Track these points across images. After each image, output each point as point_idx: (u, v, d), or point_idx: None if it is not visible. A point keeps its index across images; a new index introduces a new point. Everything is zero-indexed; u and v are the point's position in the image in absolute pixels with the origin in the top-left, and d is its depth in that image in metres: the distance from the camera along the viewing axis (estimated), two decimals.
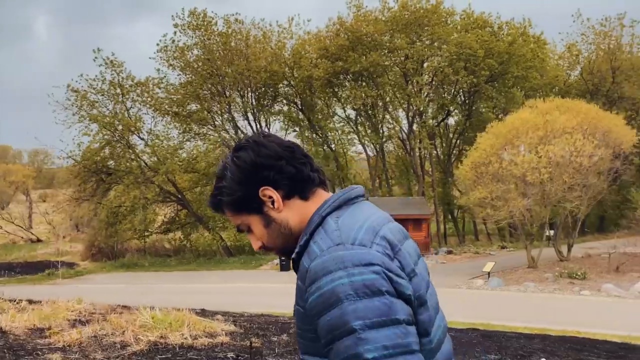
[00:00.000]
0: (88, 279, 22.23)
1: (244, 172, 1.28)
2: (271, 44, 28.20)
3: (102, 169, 27.28)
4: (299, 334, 1.26)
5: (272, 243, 1.33)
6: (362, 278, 1.08)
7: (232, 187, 1.29)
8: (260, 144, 1.29)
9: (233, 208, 1.32)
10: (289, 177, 1.28)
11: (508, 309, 13.68)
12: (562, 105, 18.86)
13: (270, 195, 1.27)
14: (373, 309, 1.06)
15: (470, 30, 25.43)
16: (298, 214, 1.29)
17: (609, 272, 18.27)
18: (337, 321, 1.07)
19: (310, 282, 1.13)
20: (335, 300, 1.07)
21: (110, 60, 27.75)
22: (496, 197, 17.43)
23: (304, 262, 1.19)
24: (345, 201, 1.28)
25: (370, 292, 1.07)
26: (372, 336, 1.04)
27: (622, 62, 31.02)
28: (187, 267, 24.89)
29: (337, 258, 1.11)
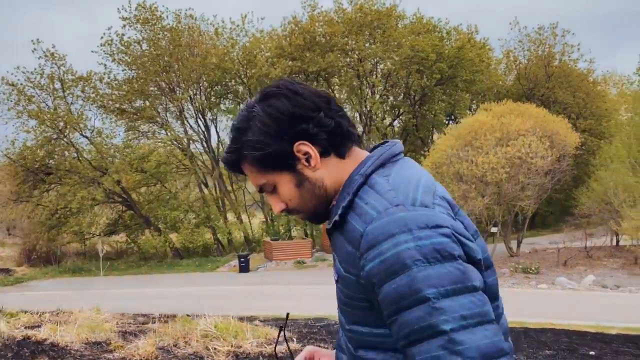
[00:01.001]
0: (31, 286, 20.79)
1: (279, 124, 1.13)
2: (222, 40, 27.69)
3: (41, 168, 25.63)
4: (345, 302, 1.14)
5: (301, 205, 1.21)
6: (431, 242, 0.98)
7: (263, 141, 1.13)
8: (295, 91, 1.15)
9: (260, 165, 1.17)
10: (327, 132, 1.15)
11: None
12: (515, 109, 19.85)
13: (306, 151, 1.15)
14: (446, 275, 0.96)
15: (419, 35, 26.21)
16: (334, 174, 1.18)
17: (557, 266, 19.47)
18: (405, 290, 0.97)
19: (368, 247, 1.02)
20: (402, 267, 0.97)
21: (51, 52, 26.18)
22: (458, 196, 18.05)
23: (355, 225, 1.07)
24: (388, 158, 1.17)
25: (441, 256, 0.97)
26: (447, 305, 0.95)
27: (555, 68, 33.11)
28: (137, 270, 23.92)
29: (399, 220, 1.00)
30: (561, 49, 33.75)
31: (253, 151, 1.14)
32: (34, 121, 26.04)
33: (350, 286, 1.10)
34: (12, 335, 4.38)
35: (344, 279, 1.11)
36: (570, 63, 33.64)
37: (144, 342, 4.27)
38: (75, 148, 25.37)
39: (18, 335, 4.41)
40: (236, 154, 1.17)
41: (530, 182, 18.58)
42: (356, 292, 1.09)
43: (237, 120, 1.17)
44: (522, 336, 7.87)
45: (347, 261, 1.09)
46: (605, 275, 17.67)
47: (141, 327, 5.55)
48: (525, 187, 18.67)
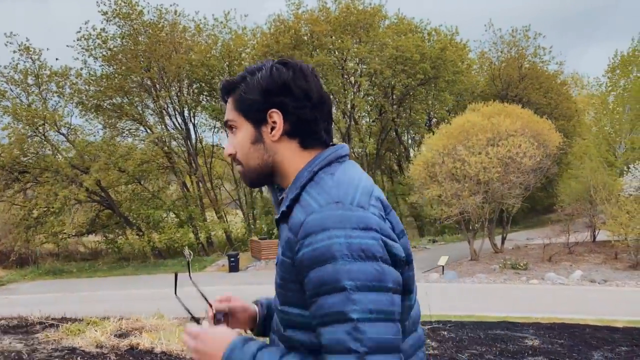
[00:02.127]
0: (12, 289, 20.02)
1: (272, 85, 1.27)
2: (204, 37, 27.30)
3: (15, 166, 24.63)
4: (280, 284, 1.26)
5: (245, 160, 1.33)
6: (359, 242, 1.10)
7: (253, 88, 1.28)
8: (303, 73, 1.29)
9: (237, 104, 1.31)
10: (302, 119, 1.28)
11: (479, 300, 14.61)
12: (503, 109, 20.42)
13: (276, 120, 1.28)
14: (366, 272, 1.09)
15: (404, 35, 26.58)
16: (287, 156, 1.30)
17: (543, 262, 20.17)
18: (328, 277, 1.09)
19: (305, 234, 1.14)
20: (330, 257, 1.09)
21: (26, 46, 25.19)
22: (451, 195, 18.45)
23: (298, 215, 1.19)
24: (335, 158, 1.28)
25: (365, 256, 1.09)
26: (359, 298, 1.07)
27: (528, 70, 34.16)
28: (122, 271, 23.35)
29: (336, 217, 1.12)
30: (533, 51, 34.90)
31: (242, 91, 1.29)
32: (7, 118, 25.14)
33: (286, 269, 1.21)
34: (115, 344, 4.26)
35: (282, 262, 1.23)
36: (541, 65, 34.79)
37: None
38: (53, 146, 24.51)
39: (119, 344, 4.29)
40: (232, 85, 1.32)
41: (518, 181, 19.17)
42: (290, 275, 1.20)
43: (253, 66, 1.33)
44: (578, 333, 8.14)
45: (286, 246, 1.21)
46: (591, 271, 18.43)
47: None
48: (514, 185, 19.25)
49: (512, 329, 7.98)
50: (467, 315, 11.53)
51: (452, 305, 13.41)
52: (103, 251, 31.79)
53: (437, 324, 9.13)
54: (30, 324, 5.70)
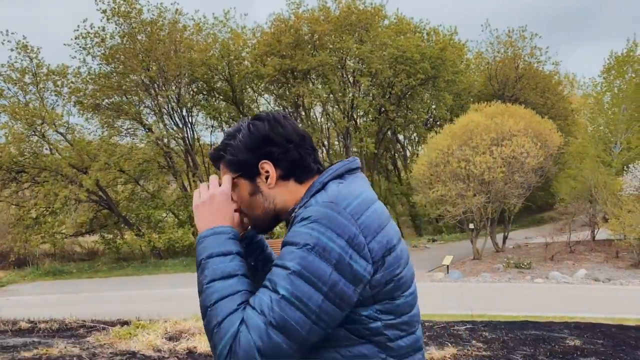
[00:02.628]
0: (13, 291, 19.76)
1: (254, 141, 1.40)
2: (203, 35, 27.14)
3: (13, 166, 24.29)
4: None
5: (248, 211, 1.44)
6: (327, 242, 1.20)
7: (238, 149, 1.41)
8: (278, 121, 1.41)
9: (230, 167, 1.43)
10: (290, 161, 1.40)
11: (491, 299, 14.69)
12: (505, 110, 20.55)
13: (267, 170, 1.40)
14: (313, 266, 1.19)
15: (403, 35, 26.65)
16: (287, 195, 1.40)
17: (545, 261, 20.35)
18: (287, 255, 1.23)
19: (297, 221, 1.27)
20: (297, 241, 1.22)
21: (24, 44, 24.87)
22: (455, 194, 18.54)
23: (300, 213, 1.30)
24: (346, 171, 1.38)
25: (322, 255, 1.20)
26: (294, 282, 1.19)
27: (524, 70, 34.41)
28: (123, 272, 23.14)
29: (321, 213, 1.24)
30: (529, 52, 35.16)
31: (230, 155, 1.42)
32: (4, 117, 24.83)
33: None
34: (171, 347, 4.21)
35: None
36: (537, 65, 35.04)
37: None
38: (52, 146, 24.22)
39: (176, 347, 4.24)
40: (219, 154, 1.45)
41: (521, 181, 19.31)
42: None
43: (231, 129, 1.46)
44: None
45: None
46: (594, 269, 18.62)
47: None
48: (517, 185, 19.39)
49: (544, 329, 8.03)
50: (492, 315, 11.54)
51: (467, 305, 13.48)
52: (99, 251, 31.56)
53: (468, 324, 9.14)
54: (72, 328, 5.62)
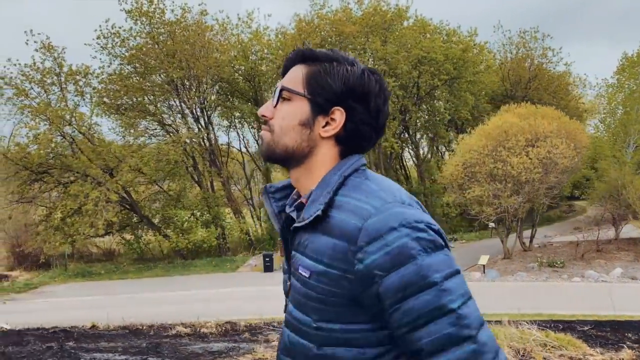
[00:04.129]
0: (48, 293, 19.67)
1: (357, 86, 1.19)
2: (227, 35, 27.17)
3: (40, 167, 24.15)
4: (319, 299, 1.15)
5: (280, 131, 1.22)
6: (427, 234, 1.09)
7: (336, 75, 1.19)
8: (385, 95, 1.24)
9: (310, 80, 1.20)
10: (359, 133, 1.22)
11: (542, 298, 14.90)
12: (536, 111, 20.85)
13: (336, 119, 1.20)
14: (443, 261, 1.08)
15: (424, 35, 26.89)
16: (323, 157, 1.23)
17: (576, 260, 20.68)
18: (413, 277, 1.06)
19: (369, 240, 1.08)
20: (407, 257, 1.06)
21: (48, 44, 24.72)
22: (493, 195, 18.80)
23: (348, 220, 1.11)
24: (359, 166, 1.23)
25: (435, 246, 1.09)
26: (450, 286, 1.06)
27: (537, 71, 34.82)
28: (153, 272, 23.12)
29: (398, 214, 1.09)
30: (541, 52, 35.58)
31: (322, 70, 1.19)
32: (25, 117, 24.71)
33: (331, 282, 1.12)
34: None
35: (323, 274, 1.13)
36: (549, 66, 35.47)
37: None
38: (77, 146, 24.10)
39: None
40: (315, 57, 1.22)
41: (555, 181, 19.63)
42: (337, 288, 1.12)
43: (347, 55, 1.24)
44: None
45: (332, 256, 1.12)
46: (627, 268, 18.98)
47: None
48: (552, 185, 19.71)
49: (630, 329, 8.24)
50: (567, 314, 11.74)
51: (522, 304, 13.72)
52: (116, 252, 31.48)
53: (588, 324, 9.23)
54: (235, 331, 5.71)
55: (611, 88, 33.18)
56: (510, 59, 35.41)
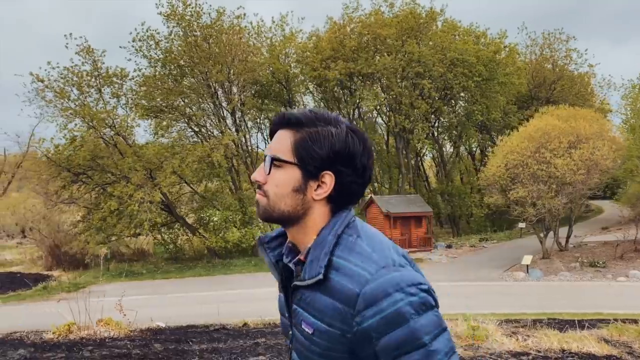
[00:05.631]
0: (98, 292, 19.93)
1: (342, 150, 1.26)
2: (263, 38, 27.50)
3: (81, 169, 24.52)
4: (322, 354, 1.25)
5: (275, 198, 1.28)
6: (418, 297, 1.17)
7: (322, 142, 1.25)
8: (369, 153, 1.30)
9: (298, 148, 1.26)
10: (348, 191, 1.29)
11: (600, 298, 15.16)
12: (576, 113, 21.14)
13: (326, 182, 1.27)
14: (432, 322, 1.18)
15: (455, 37, 27.19)
16: (317, 216, 1.29)
17: (615, 259, 20.94)
18: (406, 338, 1.16)
19: (366, 305, 1.17)
20: (402, 320, 1.15)
21: (87, 47, 25.11)
22: (537, 196, 19.09)
23: (346, 285, 1.20)
24: (350, 220, 1.30)
25: (426, 307, 1.18)
26: (437, 346, 1.17)
27: (562, 72, 35.09)
28: (195, 272, 23.43)
29: (391, 280, 1.17)
30: (565, 53, 35.83)
31: (308, 138, 1.25)
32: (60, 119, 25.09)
33: (332, 340, 1.22)
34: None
35: (325, 332, 1.23)
36: (574, 67, 35.73)
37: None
38: (118, 149, 24.48)
39: None
40: (300, 123, 1.27)
41: (598, 182, 19.92)
42: (337, 344, 1.22)
43: (329, 116, 1.29)
44: None
45: (333, 317, 1.21)
46: None
47: (531, 332, 5.88)
48: (594, 186, 20.00)
49: None
50: (629, 313, 12.00)
51: (577, 303, 14.05)
52: (146, 252, 31.82)
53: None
54: None
55: (637, 89, 33.37)
56: (535, 60, 35.69)
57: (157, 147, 24.74)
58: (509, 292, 16.95)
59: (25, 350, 6.81)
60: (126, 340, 7.84)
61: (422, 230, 25.88)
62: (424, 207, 26.15)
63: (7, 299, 18.82)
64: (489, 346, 4.94)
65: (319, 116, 1.27)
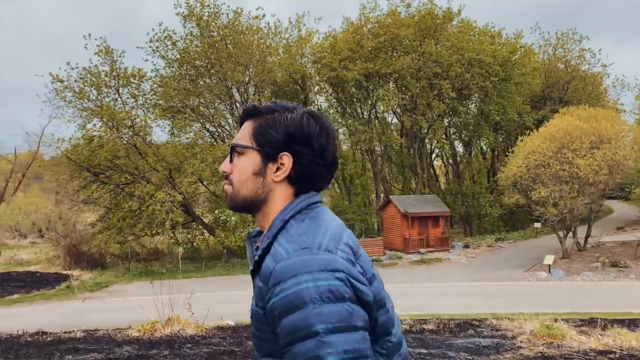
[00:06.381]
0: (120, 292, 20.13)
1: (297, 131, 1.29)
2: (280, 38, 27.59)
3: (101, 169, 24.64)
4: (257, 336, 1.26)
5: (238, 184, 1.32)
6: (328, 283, 1.11)
7: (278, 125, 1.29)
8: (328, 134, 1.32)
9: (256, 133, 1.31)
10: (309, 172, 1.31)
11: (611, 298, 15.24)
12: (596, 113, 21.19)
13: (284, 163, 1.29)
14: (336, 314, 1.10)
15: (471, 37, 27.25)
16: (278, 199, 1.31)
17: (635, 259, 21.00)
18: (300, 324, 1.10)
19: (274, 283, 1.14)
20: (300, 303, 1.10)
21: (106, 47, 25.21)
22: (560, 196, 19.15)
23: (267, 264, 1.19)
24: (306, 206, 1.29)
25: (334, 297, 1.11)
26: (333, 340, 1.08)
27: (575, 72, 35.12)
28: (215, 272, 23.55)
29: (303, 262, 1.14)
30: (579, 54, 35.86)
31: (266, 124, 1.30)
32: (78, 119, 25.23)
33: (260, 320, 1.22)
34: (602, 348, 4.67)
35: (255, 313, 1.23)
36: (587, 67, 35.74)
37: None
38: (137, 150, 24.58)
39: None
40: (258, 112, 1.33)
41: (620, 182, 19.98)
42: (264, 325, 1.21)
43: (285, 103, 1.35)
44: None
45: (258, 296, 1.22)
46: None
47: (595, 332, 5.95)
48: (615, 186, 20.07)
49: None
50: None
51: (606, 303, 14.12)
52: (161, 252, 31.94)
53: None
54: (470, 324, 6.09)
55: None
56: (548, 60, 35.74)
57: (176, 147, 24.84)
58: (534, 291, 17.02)
59: (130, 347, 6.92)
60: (214, 337, 7.91)
61: (439, 230, 25.96)
62: (441, 207, 26.23)
63: (34, 297, 18.94)
64: (569, 345, 5.03)
65: (278, 105, 1.33)
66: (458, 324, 7.21)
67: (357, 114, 27.80)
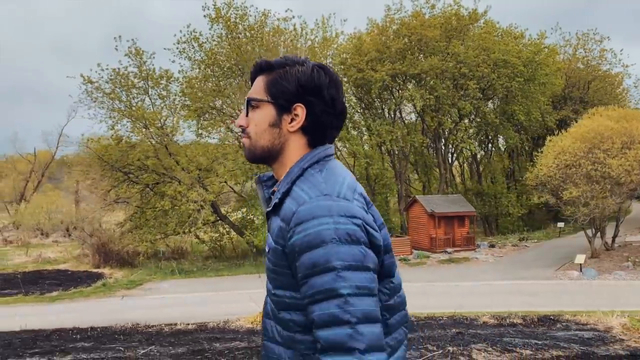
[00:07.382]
0: (155, 290, 20.43)
1: (308, 82, 1.38)
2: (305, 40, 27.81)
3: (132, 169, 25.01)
4: (272, 269, 1.37)
5: (255, 136, 1.42)
6: (346, 227, 1.23)
7: (289, 78, 1.38)
8: (337, 85, 1.42)
9: (269, 87, 1.40)
10: (321, 122, 1.41)
11: None
12: (626, 113, 21.32)
13: (298, 114, 1.39)
14: (351, 254, 1.21)
15: (496, 38, 27.40)
16: (297, 148, 1.41)
17: None
18: (319, 259, 1.21)
19: (297, 223, 1.26)
20: (320, 242, 1.21)
21: (136, 48, 25.55)
22: (592, 196, 19.30)
23: (290, 206, 1.31)
24: (323, 157, 1.40)
25: (350, 240, 1.22)
26: (348, 276, 1.20)
27: (595, 72, 35.20)
28: (245, 270, 23.83)
29: (324, 206, 1.25)
30: (598, 54, 35.94)
31: (279, 77, 1.40)
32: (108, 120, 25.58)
33: (278, 256, 1.33)
34: None
35: (274, 249, 1.35)
36: (608, 67, 35.80)
37: None
38: (167, 150, 24.90)
39: None
40: (270, 67, 1.43)
41: None
42: (281, 260, 1.32)
43: (294, 57, 1.45)
44: None
45: (278, 234, 1.33)
46: None
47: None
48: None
49: None
50: None
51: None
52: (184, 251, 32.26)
53: None
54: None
55: None
56: (569, 60, 35.82)
57: (207, 147, 25.14)
58: (569, 290, 17.16)
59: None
60: None
61: (464, 229, 26.13)
62: (467, 206, 26.41)
63: (73, 295, 19.27)
64: None
65: (288, 59, 1.42)
66: (539, 320, 7.44)
67: (381, 115, 28.02)
